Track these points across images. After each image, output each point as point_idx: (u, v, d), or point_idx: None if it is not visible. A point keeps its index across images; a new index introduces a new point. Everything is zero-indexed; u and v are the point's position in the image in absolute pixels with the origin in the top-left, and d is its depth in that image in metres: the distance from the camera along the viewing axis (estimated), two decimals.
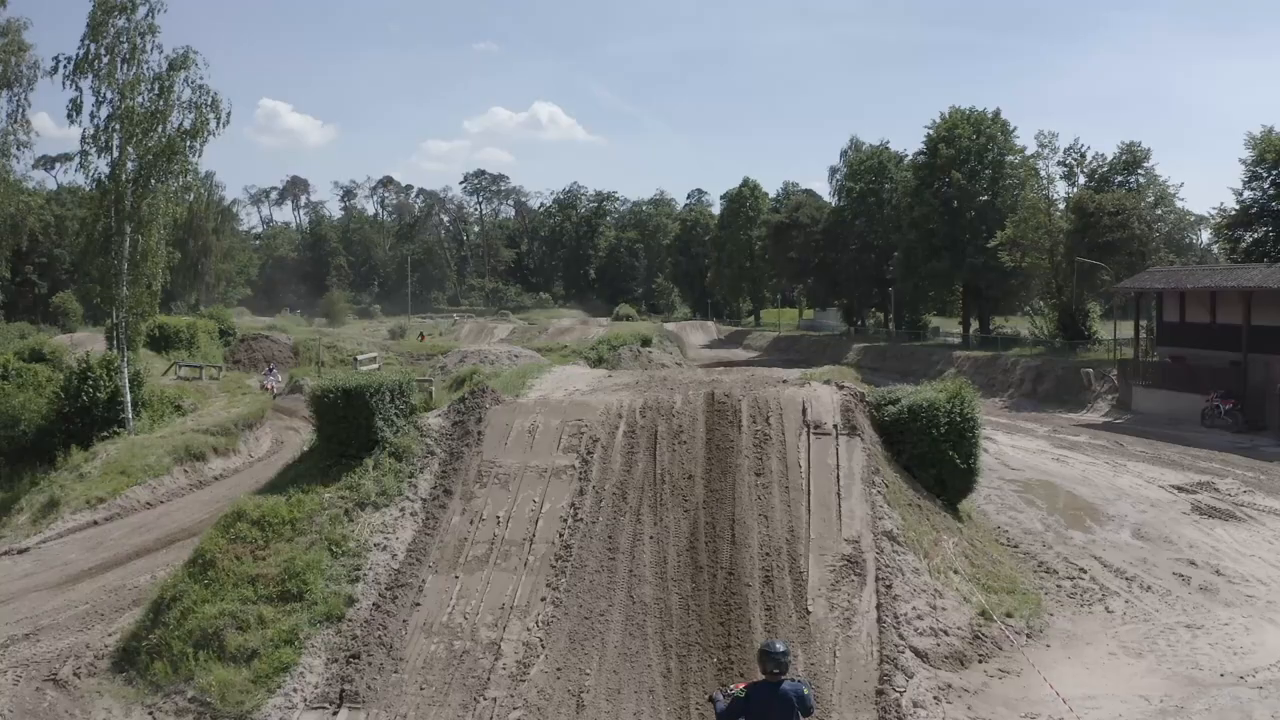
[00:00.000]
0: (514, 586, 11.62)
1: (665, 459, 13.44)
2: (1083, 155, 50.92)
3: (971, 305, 62.95)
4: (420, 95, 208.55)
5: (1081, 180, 50.86)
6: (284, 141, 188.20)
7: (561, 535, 12.29)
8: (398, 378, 14.55)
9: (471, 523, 12.75)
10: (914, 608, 11.28)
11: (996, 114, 59.70)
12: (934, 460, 14.37)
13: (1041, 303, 53.74)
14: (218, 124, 28.08)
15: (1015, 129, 59.66)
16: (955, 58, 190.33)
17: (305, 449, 16.47)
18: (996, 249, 52.63)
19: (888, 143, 74.99)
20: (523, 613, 11.18)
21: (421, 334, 74.26)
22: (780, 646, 8.19)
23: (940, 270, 58.50)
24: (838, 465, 13.11)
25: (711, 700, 8.71)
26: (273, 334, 63.79)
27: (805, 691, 8.23)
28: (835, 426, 13.76)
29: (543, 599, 11.34)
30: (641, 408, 14.57)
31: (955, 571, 12.67)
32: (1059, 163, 51.43)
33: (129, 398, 27.74)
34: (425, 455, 13.95)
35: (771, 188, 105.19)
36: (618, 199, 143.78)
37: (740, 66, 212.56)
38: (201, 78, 27.58)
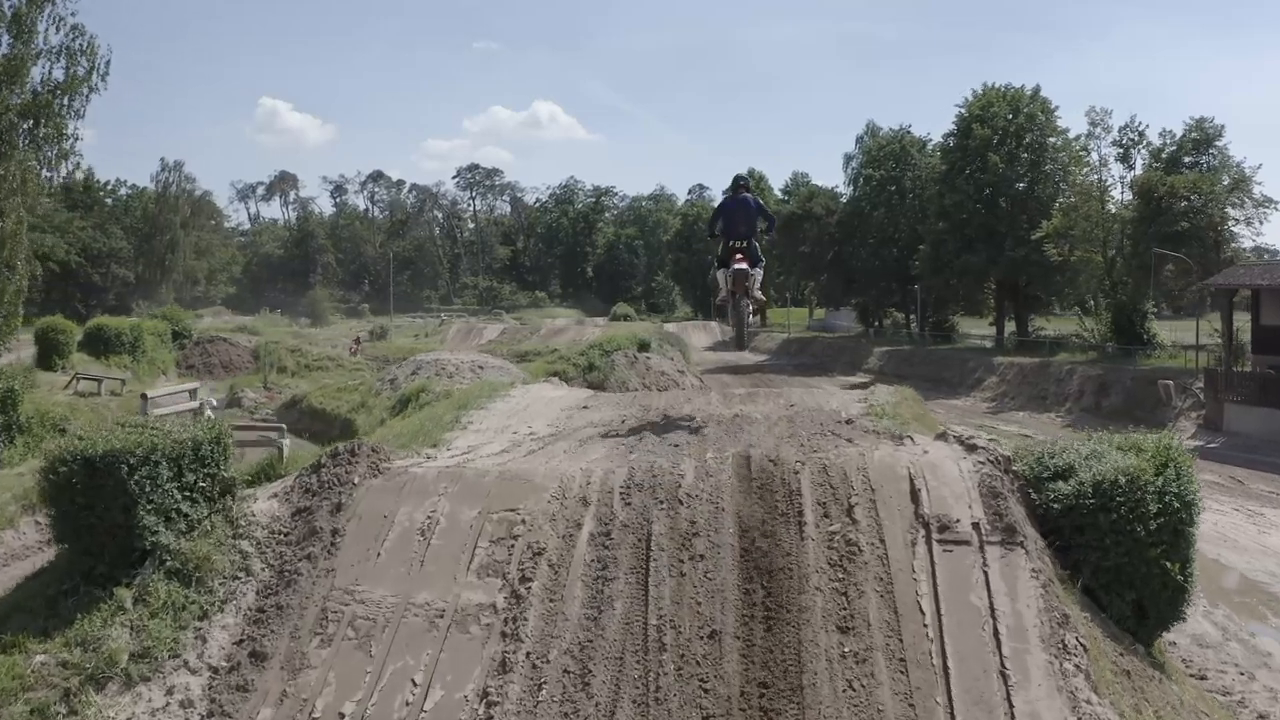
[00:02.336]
0: None
1: (666, 594, 7.07)
2: (1141, 134, 44.71)
3: (1006, 304, 56.72)
4: (420, 95, 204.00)
5: (1139, 162, 44.69)
6: (284, 140, 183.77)
7: None
8: (196, 433, 8.21)
9: None
10: None
11: (1036, 91, 53.27)
12: (1135, 577, 8.11)
13: (1092, 301, 47.47)
14: (96, 75, 22.59)
15: (1057, 108, 53.38)
16: (958, 57, 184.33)
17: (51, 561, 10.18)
18: (1040, 241, 46.57)
19: (909, 127, 68.57)
20: None
21: (359, 337, 67.10)
22: (745, 177, 11.93)
23: (974, 265, 52.06)
24: (993, 609, 6.82)
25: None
26: (233, 336, 58.21)
27: (761, 202, 11.58)
28: (977, 527, 7.45)
29: None
30: (624, 484, 8.24)
31: None
32: (1113, 143, 45.29)
33: None
34: (233, 576, 7.69)
35: (776, 184, 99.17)
36: (616, 194, 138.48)
37: (741, 64, 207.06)
38: (73, 14, 21.92)
